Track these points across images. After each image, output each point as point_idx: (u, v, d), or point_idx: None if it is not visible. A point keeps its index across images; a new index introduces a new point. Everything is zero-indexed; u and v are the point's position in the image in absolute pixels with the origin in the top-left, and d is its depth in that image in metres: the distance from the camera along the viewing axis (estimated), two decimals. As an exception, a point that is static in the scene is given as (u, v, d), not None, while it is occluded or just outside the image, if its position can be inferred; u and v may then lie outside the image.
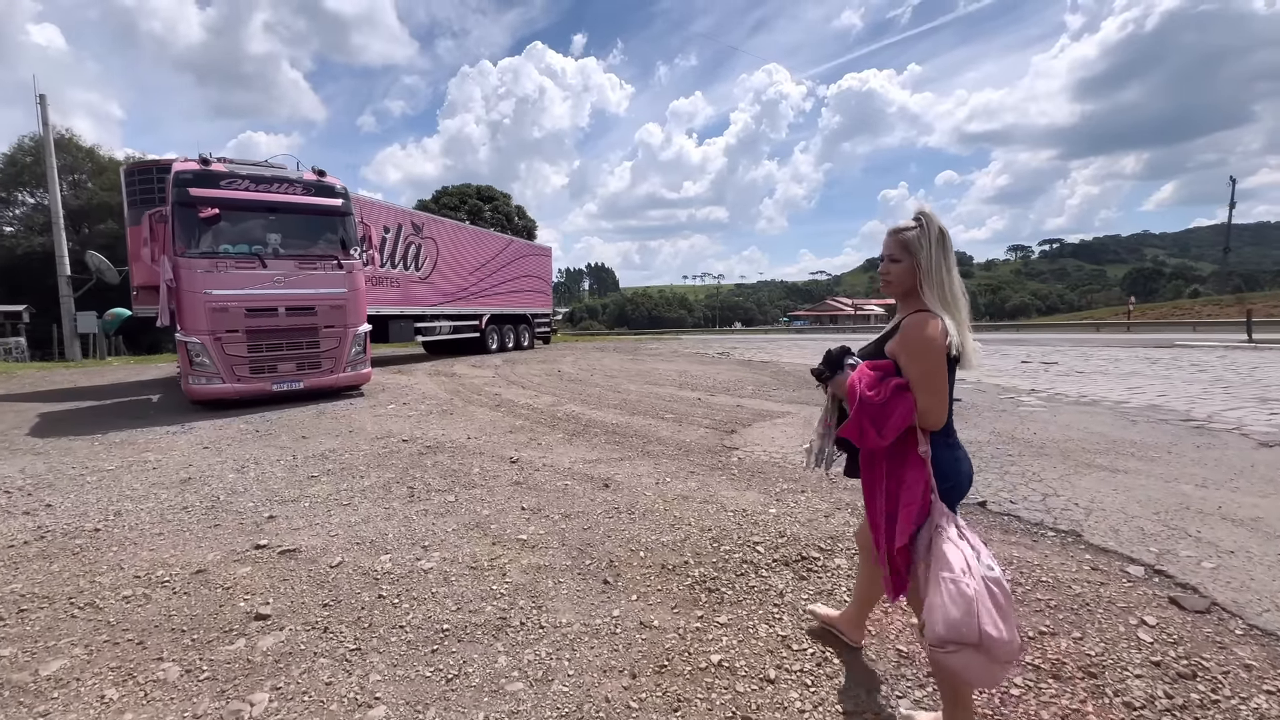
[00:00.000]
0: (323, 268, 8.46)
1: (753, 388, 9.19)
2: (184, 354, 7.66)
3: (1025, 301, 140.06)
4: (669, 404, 7.73)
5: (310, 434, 6.27)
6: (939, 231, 1.69)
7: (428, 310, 15.81)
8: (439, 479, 4.51)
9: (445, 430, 6.32)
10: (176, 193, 7.57)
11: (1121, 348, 16.38)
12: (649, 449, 5.30)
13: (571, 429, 6.21)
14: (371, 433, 6.27)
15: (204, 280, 7.58)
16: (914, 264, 1.70)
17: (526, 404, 7.97)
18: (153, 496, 4.26)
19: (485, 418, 7.05)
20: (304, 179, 8.53)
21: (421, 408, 7.84)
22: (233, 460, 5.23)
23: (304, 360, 8.37)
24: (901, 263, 1.73)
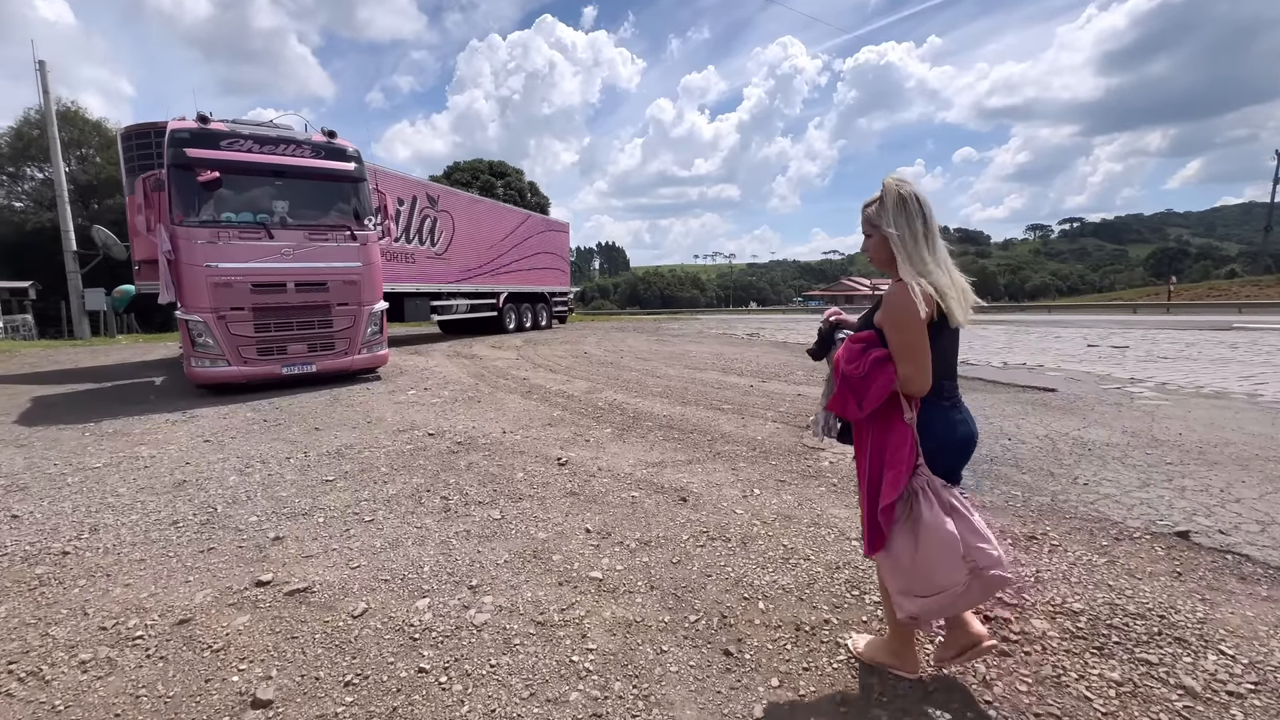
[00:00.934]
0: (335, 239, 7.68)
1: (804, 373, 8.36)
2: (185, 334, 6.96)
3: (1046, 282, 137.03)
4: (720, 392, 6.94)
5: (324, 425, 5.57)
6: (898, 197, 1.67)
7: (444, 288, 15.06)
8: (477, 486, 3.77)
9: (475, 422, 5.59)
10: (172, 154, 6.79)
11: (1176, 329, 15.35)
12: (718, 449, 4.52)
13: (619, 422, 5.44)
14: (392, 424, 5.55)
15: (205, 252, 6.83)
16: (882, 236, 1.70)
17: (560, 390, 7.22)
18: (139, 506, 3.56)
19: (517, 407, 6.30)
20: (313, 140, 7.71)
21: (445, 394, 7.11)
22: (236, 458, 4.53)
23: (316, 341, 7.65)
24: (873, 236, 1.75)
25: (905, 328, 1.63)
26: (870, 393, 1.65)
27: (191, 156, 6.80)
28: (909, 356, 1.63)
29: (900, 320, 1.63)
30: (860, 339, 1.74)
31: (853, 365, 1.69)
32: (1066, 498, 3.35)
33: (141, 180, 6.86)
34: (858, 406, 1.69)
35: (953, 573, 1.62)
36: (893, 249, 1.68)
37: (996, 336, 14.02)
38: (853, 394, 1.69)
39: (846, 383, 1.70)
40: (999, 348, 11.27)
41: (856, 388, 1.68)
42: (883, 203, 1.71)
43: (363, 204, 8.05)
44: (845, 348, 1.75)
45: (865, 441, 1.77)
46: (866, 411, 1.68)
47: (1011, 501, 3.33)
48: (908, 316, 1.61)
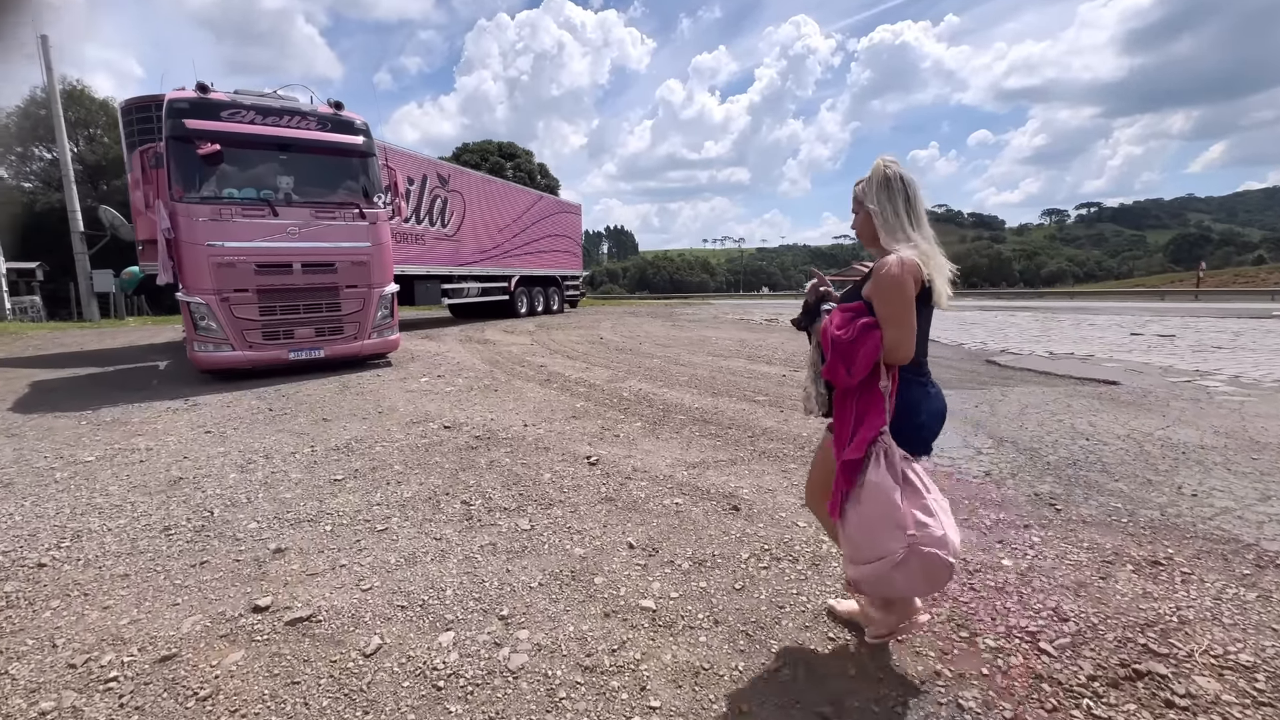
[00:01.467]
0: (343, 217, 7.28)
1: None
2: (187, 316, 6.61)
3: (1062, 268, 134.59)
4: (752, 382, 6.52)
5: (332, 415, 5.21)
6: (883, 177, 1.74)
7: (455, 270, 14.67)
8: (501, 489, 3.39)
9: (493, 413, 5.21)
10: (170, 125, 6.38)
11: (1213, 317, 14.70)
12: (761, 447, 4.12)
13: (649, 415, 5.04)
14: (405, 415, 5.19)
15: (206, 230, 6.45)
16: (867, 212, 1.78)
17: (581, 379, 6.82)
18: (129, 508, 3.21)
19: (537, 396, 5.92)
20: (319, 112, 7.27)
21: (459, 382, 6.74)
22: (237, 451, 4.18)
23: (324, 325, 7.29)
24: (859, 213, 1.82)
25: (891, 293, 1.65)
26: (859, 358, 1.67)
27: (190, 128, 6.38)
28: (896, 323, 1.66)
29: (886, 287, 1.66)
30: (850, 308, 1.75)
31: (842, 331, 1.71)
32: (1178, 512, 2.91)
33: (139, 154, 6.48)
34: (847, 372, 1.71)
35: (888, 541, 1.65)
36: (875, 224, 1.76)
37: (1028, 324, 13.47)
38: (842, 360, 1.71)
39: (836, 348, 1.72)
40: (1035, 336, 10.75)
41: (845, 353, 1.69)
42: (870, 179, 1.78)
43: (372, 180, 7.63)
44: (835, 315, 1.77)
45: (848, 409, 1.78)
46: (857, 377, 1.70)
47: (1114, 516, 2.90)
48: (897, 284, 1.64)
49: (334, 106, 7.44)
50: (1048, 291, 41.43)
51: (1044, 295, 36.26)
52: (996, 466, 3.59)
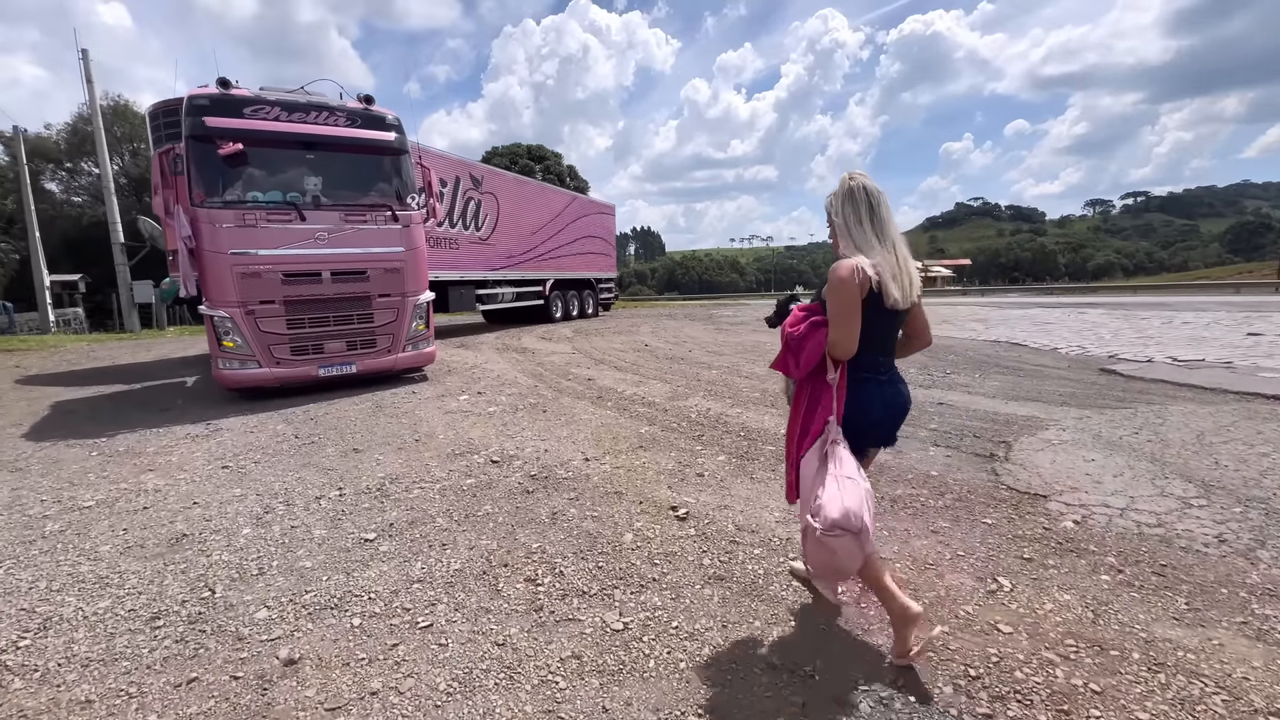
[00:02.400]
0: (374, 220, 6.69)
1: (938, 372, 7.00)
2: (211, 332, 6.09)
3: (1110, 260, 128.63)
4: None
5: (364, 444, 4.57)
6: (847, 190, 1.88)
7: (489, 275, 14.12)
8: (574, 558, 2.65)
9: (546, 441, 4.49)
10: (190, 123, 5.87)
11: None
12: (885, 490, 3.29)
13: (731, 446, 4.25)
14: (445, 443, 4.52)
15: (229, 237, 5.92)
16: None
17: (637, 396, 6.07)
18: (116, 580, 2.58)
19: (592, 418, 5.19)
20: (348, 107, 6.70)
21: (503, 400, 6.06)
22: (255, 495, 3.55)
23: (355, 338, 6.71)
24: (830, 226, 1.96)
25: (837, 295, 1.79)
26: (805, 352, 1.84)
27: (212, 126, 5.86)
28: (838, 323, 1.79)
29: (833, 289, 1.80)
30: (808, 308, 1.93)
31: (793, 328, 1.88)
32: None
33: (159, 156, 6.00)
34: (795, 365, 1.88)
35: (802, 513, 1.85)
36: (835, 231, 1.92)
37: (1111, 322, 12.20)
38: (791, 354, 1.88)
39: (787, 343, 1.89)
40: (1134, 337, 9.58)
41: (794, 348, 1.86)
42: (835, 194, 1.92)
43: (405, 180, 7.03)
44: (793, 315, 1.93)
45: (801, 400, 1.95)
46: (804, 370, 1.87)
47: None
48: (840, 286, 1.78)
49: (364, 101, 6.86)
50: (1102, 286, 39.12)
51: (1098, 290, 34.12)
52: (1229, 529, 2.70)
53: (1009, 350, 8.53)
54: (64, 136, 34.76)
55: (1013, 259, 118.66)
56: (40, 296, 18.72)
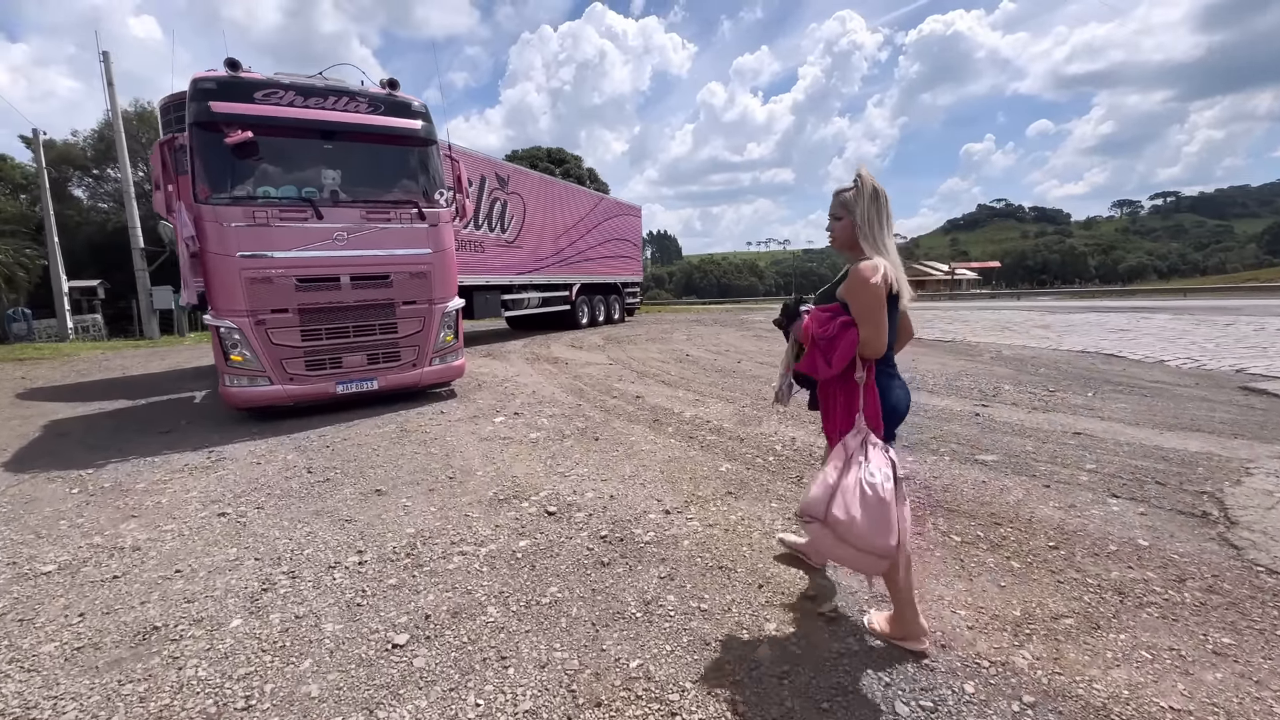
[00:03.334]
0: (399, 219, 5.96)
1: (1039, 389, 6.08)
2: (217, 344, 5.40)
3: (1142, 262, 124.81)
4: (941, 424, 4.80)
5: (389, 482, 3.80)
6: (873, 190, 1.89)
7: (515, 279, 13.43)
8: (695, 690, 1.83)
9: (609, 482, 3.68)
10: (195, 109, 5.19)
11: None
12: (1096, 574, 2.41)
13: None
14: (485, 482, 3.73)
15: (238, 238, 5.23)
16: (852, 221, 1.90)
17: (699, 418, 5.24)
18: (43, 712, 1.81)
19: (656, 449, 4.37)
20: (370, 93, 5.99)
21: (544, 423, 5.27)
22: (254, 560, 2.79)
23: (377, 350, 5.97)
24: (842, 220, 1.94)
25: (866, 294, 1.81)
26: (837, 353, 1.85)
27: (218, 112, 5.17)
28: (869, 320, 1.82)
29: (862, 288, 1.81)
30: (828, 308, 1.93)
31: (822, 329, 1.89)
32: None
33: (159, 146, 5.33)
34: (827, 365, 1.88)
35: None
36: (856, 231, 1.89)
37: (1191, 330, 11.06)
38: (822, 355, 1.89)
39: (816, 345, 1.90)
40: (1240, 347, 8.51)
41: (825, 349, 1.87)
42: (859, 190, 1.89)
43: (432, 174, 6.29)
44: (813, 316, 1.96)
45: (833, 398, 1.99)
46: (836, 370, 1.88)
47: None
48: (869, 286, 1.80)
49: (388, 86, 6.14)
50: (1143, 289, 37.36)
51: (1140, 293, 32.46)
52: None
53: (1105, 362, 7.55)
54: (91, 143, 34.99)
55: (1040, 261, 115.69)
56: (59, 303, 18.45)
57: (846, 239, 1.93)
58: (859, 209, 1.88)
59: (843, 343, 1.83)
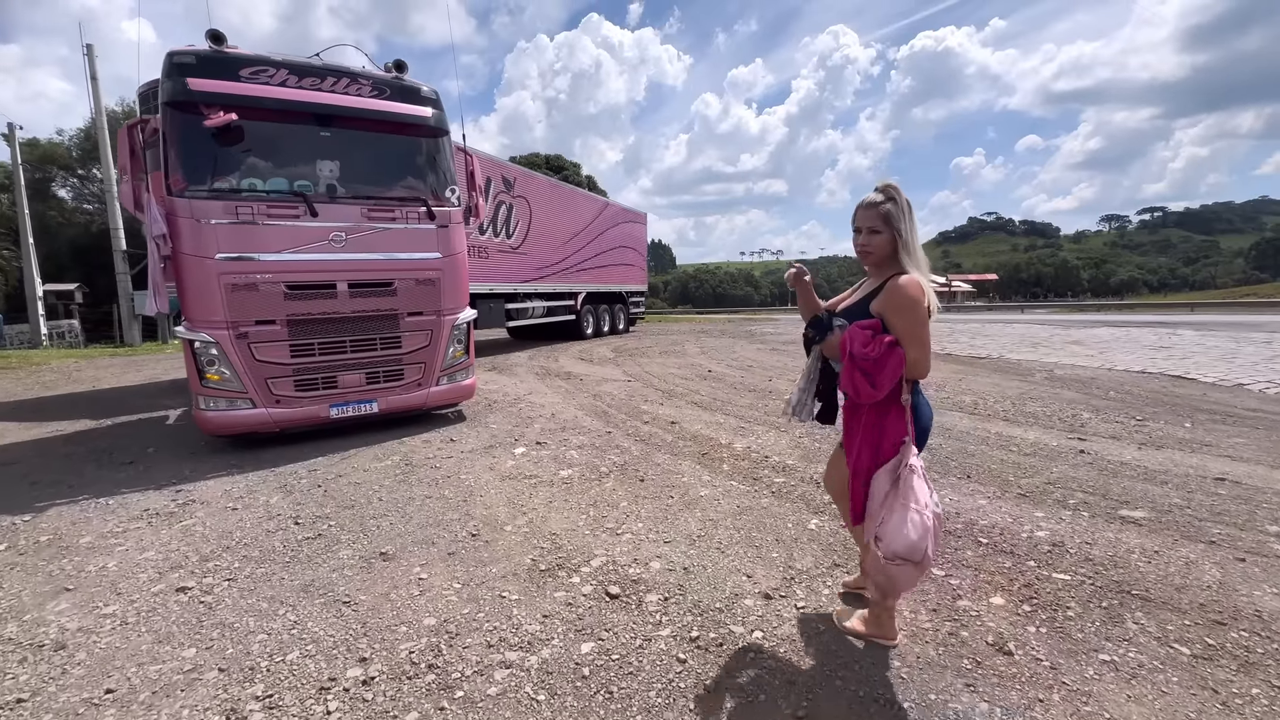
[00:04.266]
0: (405, 218, 5.23)
1: (1122, 417, 5.41)
2: (190, 361, 4.62)
3: (1132, 276, 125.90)
4: (1065, 467, 4.10)
5: (397, 541, 3.04)
6: (908, 204, 1.84)
7: (520, 288, 12.69)
8: None
9: (673, 544, 2.94)
10: (170, 86, 4.45)
11: None
12: None
13: (985, 564, 2.67)
14: (517, 542, 2.98)
15: (217, 237, 4.48)
16: (893, 234, 1.83)
17: (755, 452, 4.52)
18: None
19: (718, 495, 3.64)
20: (374, 76, 5.28)
21: (574, 455, 4.52)
22: (217, 675, 2.03)
23: (378, 368, 5.22)
24: (882, 234, 1.86)
25: (915, 314, 1.77)
26: (884, 374, 1.76)
27: (197, 91, 4.43)
28: (920, 342, 1.78)
29: (911, 307, 1.76)
30: (868, 325, 1.82)
31: (868, 348, 1.76)
32: None
33: (127, 129, 4.57)
34: (871, 387, 1.77)
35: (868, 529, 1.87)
36: (900, 247, 1.83)
37: (1234, 347, 10.46)
38: (865, 376, 1.77)
39: (859, 365, 1.78)
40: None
41: (870, 370, 1.76)
42: (898, 204, 1.83)
43: (443, 170, 5.57)
44: (853, 334, 1.82)
45: (860, 422, 1.90)
46: (882, 392, 1.78)
47: None
48: (920, 307, 1.76)
49: (395, 69, 5.43)
50: (1141, 303, 37.14)
51: (1138, 307, 32.20)
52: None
53: (1176, 385, 6.90)
54: (76, 142, 34.00)
55: (1034, 274, 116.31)
56: (32, 307, 17.48)
57: (885, 253, 1.88)
58: (904, 223, 1.83)
59: (890, 363, 1.76)
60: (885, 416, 1.85)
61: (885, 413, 1.85)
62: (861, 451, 1.89)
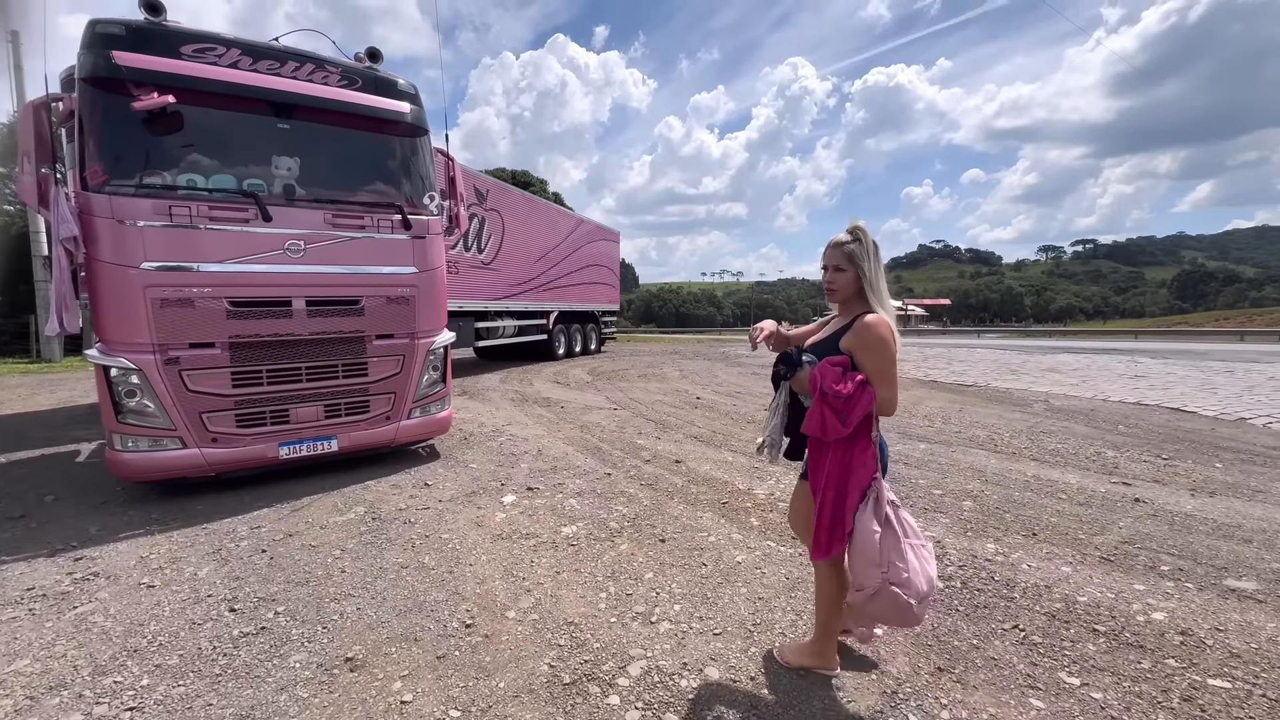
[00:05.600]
0: (376, 226, 4.54)
1: (1148, 457, 5.13)
2: (104, 391, 3.78)
3: (1070, 304, 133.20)
4: (1129, 519, 3.70)
5: (368, 643, 2.34)
6: (874, 245, 1.91)
7: (490, 305, 11.96)
8: None
9: (726, 640, 2.36)
10: (91, 60, 3.68)
11: None
12: None
13: (1112, 662, 2.18)
14: (527, 639, 2.34)
15: (144, 242, 3.70)
16: (857, 273, 1.91)
17: (782, 502, 3.98)
18: None
19: (759, 563, 3.06)
20: (345, 64, 4.61)
21: (574, 505, 3.88)
22: None
23: (339, 399, 4.47)
24: (846, 272, 1.93)
25: (885, 354, 1.82)
26: (855, 412, 1.78)
27: (126, 67, 3.68)
28: (890, 380, 1.83)
29: (882, 347, 1.82)
30: (838, 362, 1.84)
31: (840, 385, 1.78)
32: None
33: (33, 108, 3.75)
34: (840, 424, 1.79)
35: (865, 576, 1.83)
36: (865, 286, 1.90)
37: (1209, 377, 10.68)
38: (836, 414, 1.78)
39: (829, 403, 1.79)
40: (1278, 395, 7.98)
41: (841, 408, 1.78)
42: (863, 244, 1.90)
43: (421, 173, 4.92)
44: (824, 370, 1.83)
45: (827, 456, 1.90)
46: (849, 430, 1.80)
47: None
48: (890, 346, 1.82)
49: (368, 58, 4.76)
50: (1089, 330, 39.00)
51: (1084, 334, 33.77)
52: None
53: (1179, 419, 6.76)
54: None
55: (982, 299, 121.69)
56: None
57: (850, 291, 1.94)
58: (867, 264, 1.89)
59: (862, 402, 1.79)
60: (851, 451, 1.87)
61: (851, 447, 1.87)
62: (827, 486, 1.89)
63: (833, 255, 1.95)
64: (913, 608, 1.78)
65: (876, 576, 1.80)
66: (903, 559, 1.79)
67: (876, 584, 1.80)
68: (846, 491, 1.86)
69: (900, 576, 1.78)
